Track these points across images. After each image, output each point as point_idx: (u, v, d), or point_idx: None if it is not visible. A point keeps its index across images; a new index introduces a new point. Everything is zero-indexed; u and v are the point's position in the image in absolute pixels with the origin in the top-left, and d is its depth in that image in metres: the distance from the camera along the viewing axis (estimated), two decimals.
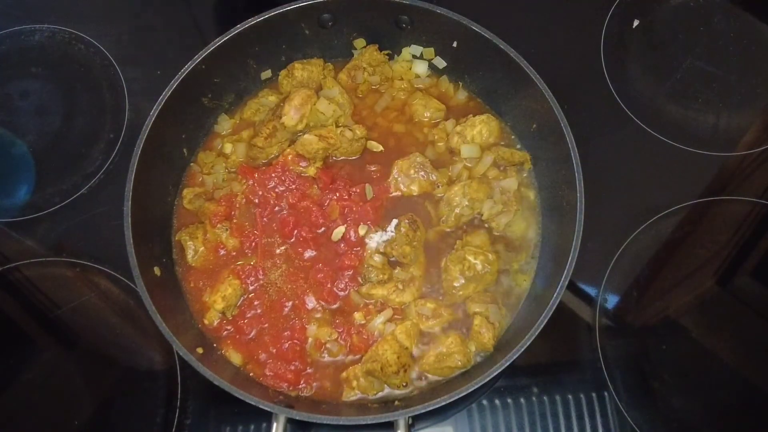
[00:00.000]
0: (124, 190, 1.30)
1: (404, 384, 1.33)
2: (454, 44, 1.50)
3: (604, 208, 1.52)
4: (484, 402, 1.43)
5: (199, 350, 1.30)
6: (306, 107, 1.48)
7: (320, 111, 1.49)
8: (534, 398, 1.43)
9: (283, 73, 1.55)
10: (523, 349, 1.21)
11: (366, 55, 1.55)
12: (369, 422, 1.19)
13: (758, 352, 1.46)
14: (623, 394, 1.42)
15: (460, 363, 1.33)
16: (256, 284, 1.41)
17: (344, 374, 1.35)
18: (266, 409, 1.18)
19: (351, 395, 1.34)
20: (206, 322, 1.38)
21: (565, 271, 1.25)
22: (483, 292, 1.40)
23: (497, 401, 1.43)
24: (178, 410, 1.42)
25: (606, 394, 1.42)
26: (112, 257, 1.51)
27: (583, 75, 1.69)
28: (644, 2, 1.76)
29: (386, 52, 1.57)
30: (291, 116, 1.48)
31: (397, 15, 1.49)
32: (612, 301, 1.50)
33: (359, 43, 1.57)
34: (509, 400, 1.43)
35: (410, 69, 1.57)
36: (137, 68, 1.70)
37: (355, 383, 1.33)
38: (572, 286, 1.50)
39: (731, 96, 1.66)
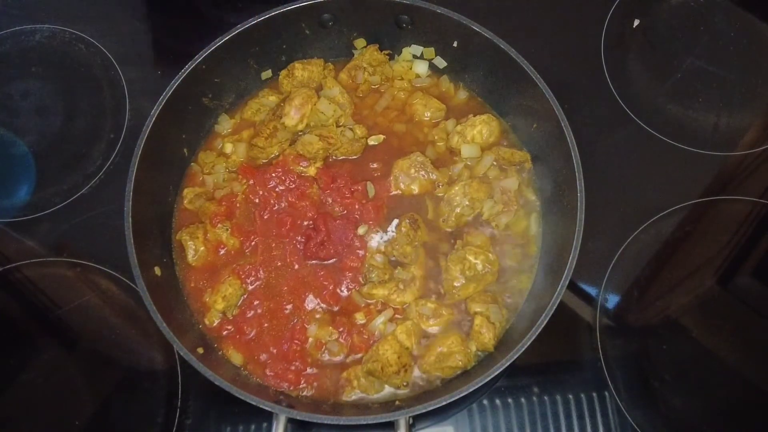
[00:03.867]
0: (125, 190, 1.29)
1: (405, 383, 1.33)
2: (455, 44, 1.50)
3: (604, 208, 1.53)
4: (485, 402, 1.43)
5: (200, 350, 1.30)
6: (306, 107, 1.49)
7: (321, 111, 1.49)
8: (534, 398, 1.43)
9: (283, 73, 1.55)
10: (523, 349, 1.21)
11: (366, 55, 1.55)
12: (370, 422, 1.19)
13: (758, 352, 1.46)
14: (624, 394, 1.42)
15: (460, 363, 1.33)
16: (256, 284, 1.41)
17: (345, 374, 1.34)
18: (267, 409, 1.18)
19: (352, 395, 1.34)
20: (207, 322, 1.38)
21: (566, 271, 1.25)
22: (483, 292, 1.40)
23: (498, 401, 1.43)
24: (178, 410, 1.42)
25: (606, 393, 1.42)
26: (112, 257, 1.51)
27: (583, 75, 1.69)
28: (644, 2, 1.76)
29: (386, 52, 1.56)
30: (292, 116, 1.48)
31: (398, 15, 1.49)
32: (612, 300, 1.50)
33: (359, 43, 1.57)
34: (509, 400, 1.43)
35: (410, 69, 1.57)
36: (137, 68, 1.70)
37: (355, 383, 1.33)
38: (573, 286, 1.50)
39: (731, 96, 1.66)
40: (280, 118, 1.48)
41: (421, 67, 1.57)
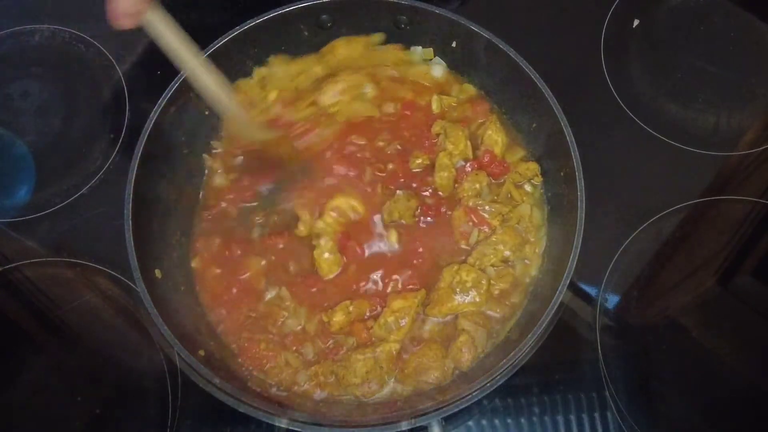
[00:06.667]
0: (125, 191, 1.29)
1: (367, 395, 1.30)
2: (453, 44, 1.50)
3: (604, 208, 1.53)
4: (484, 401, 1.43)
5: (201, 353, 1.28)
6: (346, 95, 1.48)
7: (355, 107, 1.49)
8: (534, 398, 1.43)
9: (326, 48, 1.54)
10: (526, 348, 1.21)
11: None
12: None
13: (758, 352, 1.46)
14: (623, 394, 1.42)
15: (436, 380, 1.30)
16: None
17: (313, 369, 1.31)
18: (269, 411, 1.18)
19: (318, 394, 1.31)
20: None
21: (566, 271, 1.25)
22: (477, 312, 1.37)
23: (497, 401, 1.42)
24: (178, 410, 1.42)
25: (606, 393, 1.42)
26: (112, 257, 1.50)
27: (583, 75, 1.69)
28: (644, 2, 1.76)
29: None
30: (330, 96, 1.47)
31: (396, 15, 1.49)
32: (612, 300, 1.50)
33: None
34: (509, 400, 1.42)
35: (427, 73, 1.56)
36: (137, 68, 1.70)
37: (322, 379, 1.30)
38: (572, 286, 1.50)
39: (731, 96, 1.66)
40: (319, 92, 1.48)
41: (438, 70, 1.55)
